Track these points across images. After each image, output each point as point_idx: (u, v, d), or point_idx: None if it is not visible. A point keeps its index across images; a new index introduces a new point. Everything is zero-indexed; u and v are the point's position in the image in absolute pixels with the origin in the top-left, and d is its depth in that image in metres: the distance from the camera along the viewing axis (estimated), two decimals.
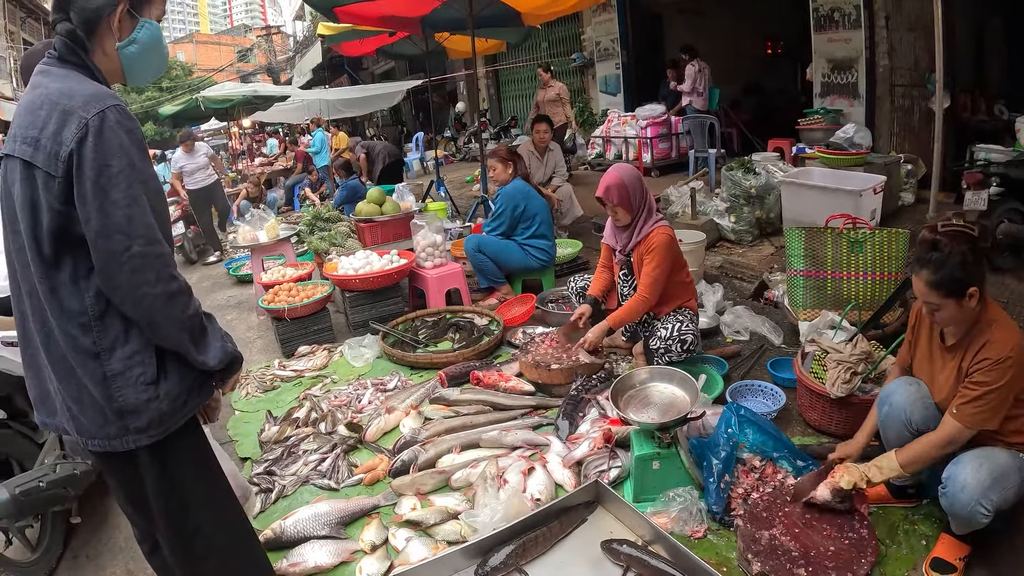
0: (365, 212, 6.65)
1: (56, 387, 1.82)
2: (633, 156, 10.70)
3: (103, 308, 1.75)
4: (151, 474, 1.89)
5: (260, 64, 49.59)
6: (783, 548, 2.50)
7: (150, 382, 1.77)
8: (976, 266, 2.35)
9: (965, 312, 2.38)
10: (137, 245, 1.67)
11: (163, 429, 1.81)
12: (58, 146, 1.65)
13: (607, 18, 12.94)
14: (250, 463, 3.75)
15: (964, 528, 2.41)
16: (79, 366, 1.75)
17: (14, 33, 24.07)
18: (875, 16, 7.80)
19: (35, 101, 1.73)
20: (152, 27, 1.92)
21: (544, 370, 4.08)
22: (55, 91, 1.72)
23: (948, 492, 2.35)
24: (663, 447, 2.95)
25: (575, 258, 6.59)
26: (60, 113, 1.67)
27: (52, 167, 1.65)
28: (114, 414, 1.76)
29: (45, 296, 1.74)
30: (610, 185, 3.93)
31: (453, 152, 18.15)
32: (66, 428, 1.84)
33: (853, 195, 5.48)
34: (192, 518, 2.00)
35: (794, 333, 4.49)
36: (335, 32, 10.41)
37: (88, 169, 1.64)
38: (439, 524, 2.96)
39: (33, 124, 1.69)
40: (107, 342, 1.74)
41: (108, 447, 1.78)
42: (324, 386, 4.66)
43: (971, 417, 2.33)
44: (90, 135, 1.64)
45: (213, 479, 2.10)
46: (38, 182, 1.67)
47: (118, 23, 1.84)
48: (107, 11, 1.81)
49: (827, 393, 3.28)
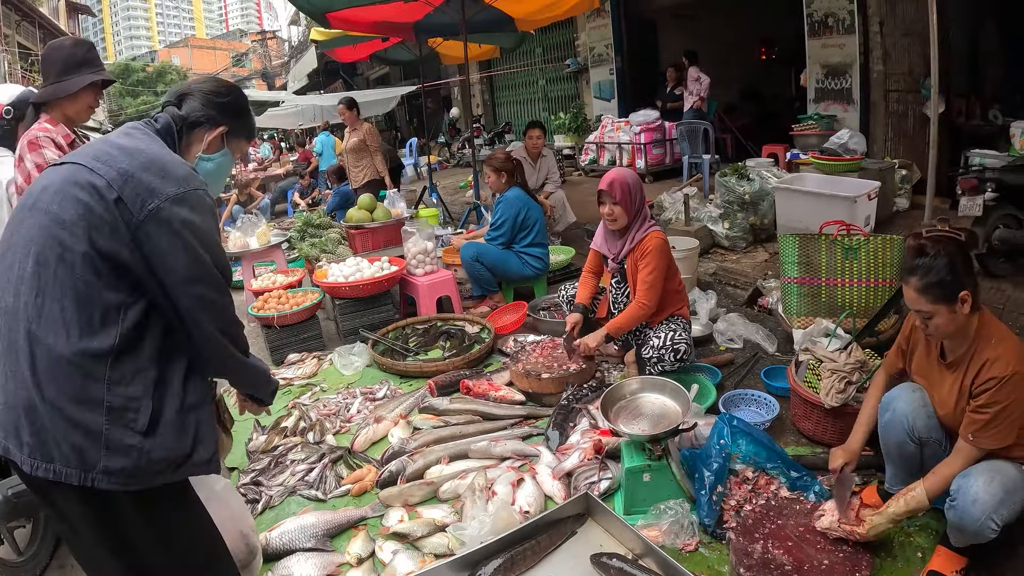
0: (356, 219, 6.61)
1: (14, 399, 1.72)
2: (627, 162, 10.69)
3: (128, 345, 1.74)
4: (125, 519, 1.81)
5: (255, 69, 49.69)
6: (776, 562, 2.46)
7: (139, 431, 1.72)
8: (965, 270, 2.32)
9: (958, 320, 2.33)
10: (214, 295, 1.89)
11: (131, 482, 1.74)
12: (149, 194, 1.76)
13: (601, 24, 12.95)
14: (237, 473, 3.69)
15: (966, 541, 2.36)
16: (75, 385, 1.68)
17: (9, 36, 24.04)
18: (869, 21, 7.81)
19: (131, 146, 1.86)
20: (229, 158, 2.21)
21: (535, 379, 4.04)
22: (156, 150, 1.89)
23: (958, 505, 2.28)
24: (654, 459, 2.90)
25: (567, 265, 6.55)
26: (160, 169, 1.81)
27: (136, 206, 1.74)
28: (90, 445, 1.68)
29: (64, 304, 1.69)
30: (615, 180, 3.90)
31: (447, 158, 18.17)
32: (7, 446, 1.74)
33: (847, 201, 5.46)
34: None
35: (788, 341, 4.45)
36: (328, 37, 10.41)
37: (182, 229, 1.79)
38: (427, 536, 2.91)
39: (126, 161, 1.79)
40: (116, 376, 1.71)
41: (63, 477, 1.69)
42: (313, 395, 4.60)
43: (990, 440, 2.28)
44: (188, 201, 1.81)
45: (203, 531, 2.05)
46: (110, 206, 1.73)
47: (211, 139, 2.12)
48: (209, 125, 2.11)
49: (821, 403, 3.25)
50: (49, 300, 1.70)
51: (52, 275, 1.70)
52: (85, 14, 48.03)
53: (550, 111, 15.22)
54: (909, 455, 2.59)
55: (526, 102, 17.15)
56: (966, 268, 2.33)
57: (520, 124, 15.50)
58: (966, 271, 2.32)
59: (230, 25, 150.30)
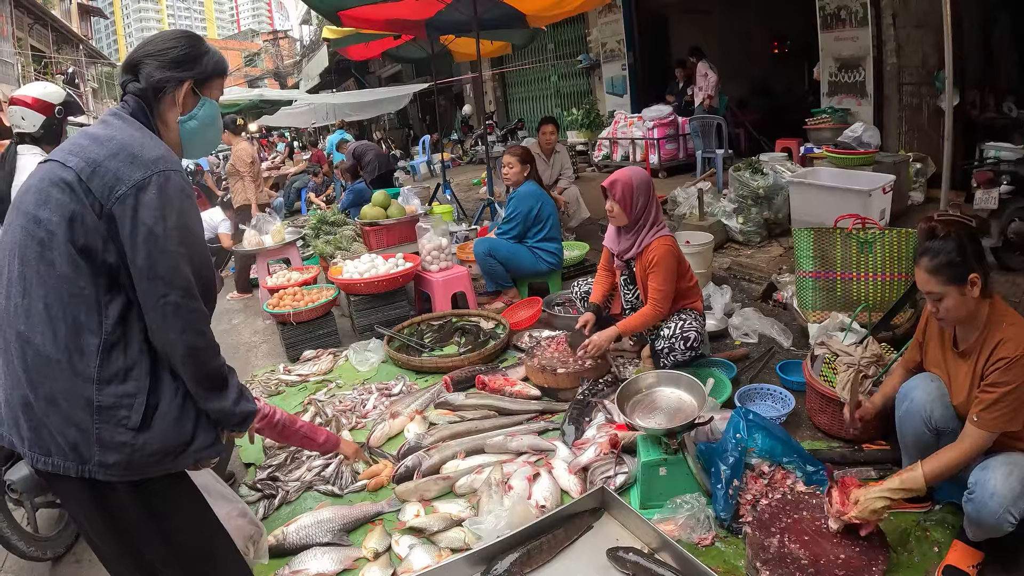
0: (370, 216, 6.63)
1: (12, 396, 1.75)
2: (640, 157, 10.65)
3: (115, 340, 1.73)
4: (126, 510, 1.83)
5: (267, 69, 49.80)
6: (792, 556, 2.46)
7: (132, 428, 1.73)
8: (975, 253, 2.34)
9: (968, 304, 2.34)
10: (174, 296, 1.75)
11: (128, 472, 1.76)
12: (116, 181, 1.72)
13: (613, 19, 12.89)
14: (253, 469, 3.72)
15: (983, 535, 2.35)
16: (65, 383, 1.70)
17: (22, 39, 24.19)
18: (882, 14, 7.73)
19: (104, 134, 1.81)
20: (211, 106, 2.08)
21: (550, 374, 4.05)
22: (128, 135, 1.81)
23: (976, 498, 2.27)
24: (670, 453, 2.91)
25: (582, 260, 6.54)
26: (128, 155, 1.75)
27: (104, 195, 1.71)
28: (84, 440, 1.71)
29: (47, 302, 1.70)
30: (618, 179, 3.91)
31: (460, 155, 18.16)
32: (12, 440, 1.78)
33: (862, 195, 5.42)
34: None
35: (803, 335, 4.44)
36: (340, 36, 10.42)
37: (145, 216, 1.72)
38: (443, 531, 2.94)
39: (96, 150, 1.76)
40: (107, 374, 1.71)
41: (62, 469, 1.72)
42: (329, 391, 4.63)
43: (993, 422, 2.27)
44: (153, 186, 1.73)
45: (205, 522, 2.06)
46: (81, 198, 1.71)
47: (182, 98, 1.99)
48: (173, 85, 1.96)
49: (837, 397, 3.23)
50: (34, 300, 1.71)
51: (35, 274, 1.72)
52: (97, 16, 48.26)
53: (563, 107, 15.18)
54: (926, 445, 2.58)
55: (539, 98, 17.11)
56: (976, 251, 2.35)
57: (533, 121, 15.47)
58: (976, 254, 2.34)
59: (242, 25, 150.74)
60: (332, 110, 15.01)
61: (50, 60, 27.85)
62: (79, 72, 28.93)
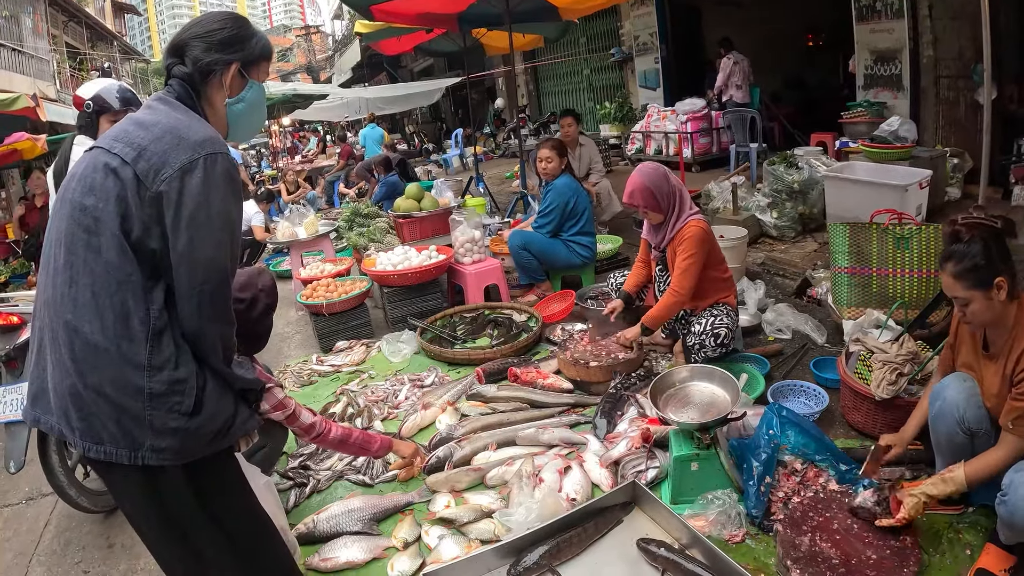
0: (403, 208, 6.66)
1: (61, 386, 1.75)
2: (673, 151, 10.60)
3: (163, 325, 1.73)
4: (178, 494, 1.85)
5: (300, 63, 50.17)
6: (823, 555, 2.44)
7: (185, 413, 1.74)
8: (1001, 256, 2.29)
9: (995, 307, 2.30)
10: (210, 284, 1.75)
11: (180, 456, 1.77)
12: (162, 164, 1.71)
13: (645, 12, 12.83)
14: (285, 457, 3.76)
15: (1016, 538, 2.31)
16: (114, 371, 1.70)
17: (56, 37, 24.47)
18: (918, 5, 7.60)
19: (149, 119, 1.81)
20: (258, 88, 2.07)
21: (583, 367, 4.05)
22: (174, 119, 1.80)
23: (1010, 500, 2.23)
24: (702, 448, 2.90)
25: (615, 254, 6.53)
26: (175, 137, 1.74)
27: (149, 179, 1.71)
28: (135, 426, 1.72)
29: (94, 290, 1.71)
30: (634, 190, 3.89)
31: (492, 148, 18.19)
32: (62, 430, 1.79)
33: (898, 190, 5.36)
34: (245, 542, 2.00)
35: (838, 332, 4.39)
36: (372, 30, 10.44)
37: (189, 200, 1.71)
38: (473, 522, 2.95)
39: (142, 135, 1.75)
40: (158, 360, 1.71)
41: (114, 457, 1.73)
42: (361, 381, 4.68)
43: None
44: (199, 170, 1.72)
45: (250, 504, 2.08)
46: (127, 184, 1.71)
47: (230, 81, 1.97)
48: (220, 68, 1.94)
49: (872, 395, 3.20)
50: (81, 288, 1.71)
51: (81, 263, 1.72)
52: (131, 13, 48.74)
53: (595, 100, 15.15)
54: (959, 446, 2.54)
55: (571, 92, 17.10)
56: (1001, 254, 2.30)
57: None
58: (1002, 257, 2.29)
59: (274, 21, 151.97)
60: (365, 104, 15.11)
61: (85, 57, 28.18)
62: (114, 68, 29.23)
